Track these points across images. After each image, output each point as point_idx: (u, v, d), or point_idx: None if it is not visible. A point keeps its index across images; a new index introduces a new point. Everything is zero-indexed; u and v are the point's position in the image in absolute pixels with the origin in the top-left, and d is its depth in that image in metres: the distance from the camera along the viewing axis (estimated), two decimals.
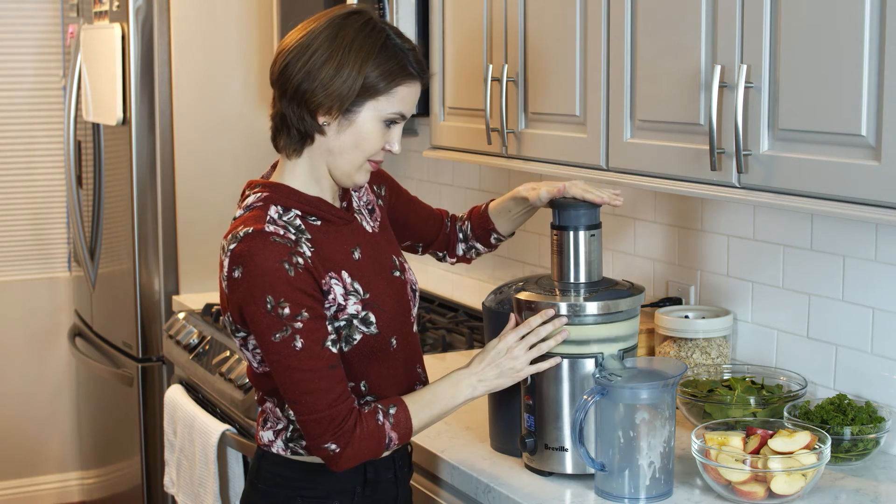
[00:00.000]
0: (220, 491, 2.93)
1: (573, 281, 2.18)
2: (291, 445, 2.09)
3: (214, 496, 2.92)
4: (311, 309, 1.95)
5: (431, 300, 3.73)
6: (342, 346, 2.03)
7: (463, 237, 2.46)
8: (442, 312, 3.58)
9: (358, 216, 2.15)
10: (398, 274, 2.16)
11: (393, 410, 2.02)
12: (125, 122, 3.93)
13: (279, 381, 1.98)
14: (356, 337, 2.04)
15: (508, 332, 2.13)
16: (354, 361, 2.05)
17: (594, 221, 2.19)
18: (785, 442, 2.06)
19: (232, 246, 1.97)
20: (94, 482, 4.69)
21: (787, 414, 2.24)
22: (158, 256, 3.98)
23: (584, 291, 2.16)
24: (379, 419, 2.00)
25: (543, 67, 2.55)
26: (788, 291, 2.49)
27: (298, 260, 1.96)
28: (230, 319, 2.03)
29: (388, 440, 2.01)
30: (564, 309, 2.11)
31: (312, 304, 1.96)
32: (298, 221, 2.03)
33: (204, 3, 3.96)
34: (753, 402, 2.32)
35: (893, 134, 1.79)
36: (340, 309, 2.02)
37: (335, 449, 1.97)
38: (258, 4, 4.00)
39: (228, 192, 3.92)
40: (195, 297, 3.92)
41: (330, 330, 1.99)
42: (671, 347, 2.59)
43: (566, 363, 2.13)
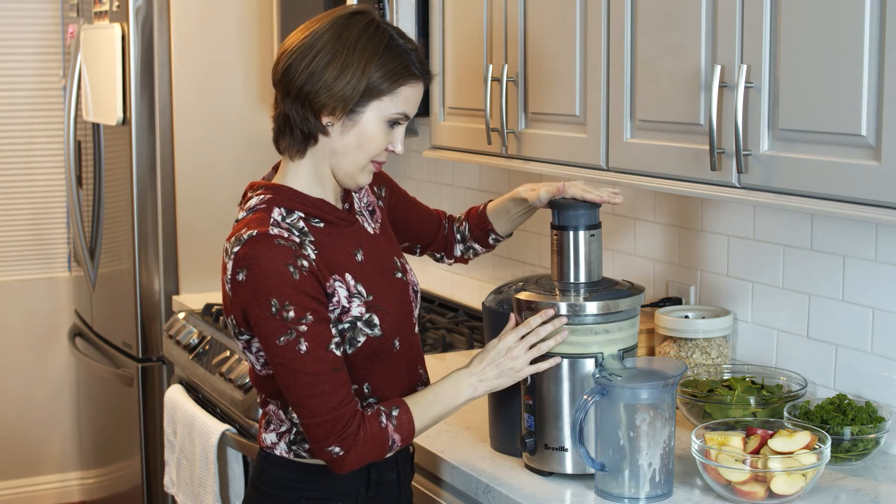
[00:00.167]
0: (220, 491, 2.93)
1: (573, 281, 2.18)
2: (294, 448, 2.09)
3: (214, 496, 2.92)
4: (315, 312, 1.95)
5: (432, 300, 3.73)
6: (346, 348, 2.03)
7: (460, 238, 2.46)
8: (442, 312, 3.58)
9: (359, 217, 2.15)
10: (400, 275, 2.16)
11: (396, 412, 2.02)
12: (125, 122, 3.93)
13: (283, 384, 1.97)
14: (360, 339, 2.04)
15: (508, 332, 2.13)
16: (358, 364, 2.05)
17: (594, 221, 2.19)
18: (785, 442, 2.06)
19: (236, 249, 1.96)
20: (94, 482, 4.69)
21: (787, 414, 2.24)
22: (158, 256, 3.98)
23: (584, 291, 2.16)
24: (382, 421, 2.00)
25: (543, 67, 2.55)
26: (788, 291, 2.49)
27: (303, 263, 1.95)
28: (234, 322, 2.02)
29: (391, 442, 2.01)
30: (564, 309, 2.11)
31: (317, 307, 1.96)
32: (302, 224, 2.02)
33: (204, 3, 3.96)
34: (753, 402, 2.32)
35: (893, 134, 1.79)
36: (344, 311, 2.02)
37: (339, 452, 1.97)
38: (258, 4, 4.00)
39: (228, 192, 3.92)
40: (195, 297, 3.92)
41: (334, 333, 1.98)
42: (671, 347, 2.59)
43: (566, 363, 2.13)
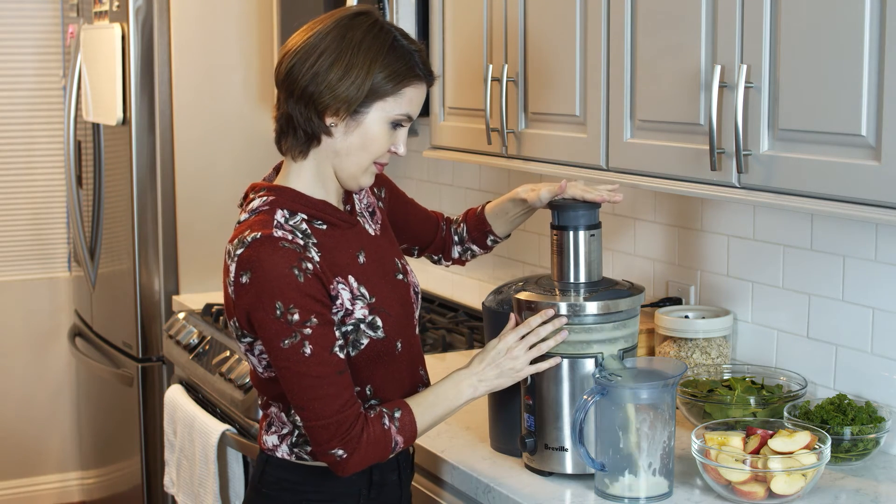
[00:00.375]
0: (220, 491, 2.93)
1: (573, 281, 2.18)
2: (296, 450, 2.08)
3: (214, 496, 2.92)
4: (319, 315, 1.94)
5: (432, 300, 3.73)
6: (349, 350, 2.03)
7: (458, 240, 2.46)
8: (442, 312, 3.58)
9: (361, 219, 2.14)
10: (401, 277, 2.15)
11: (398, 414, 2.02)
12: (125, 122, 3.93)
13: (287, 387, 1.97)
14: (363, 341, 2.04)
15: (508, 332, 2.13)
16: (361, 366, 2.05)
17: (594, 221, 2.19)
18: (785, 442, 2.06)
19: (239, 251, 1.95)
20: (94, 482, 4.69)
21: (787, 414, 2.24)
22: (158, 256, 3.98)
23: (584, 291, 2.16)
24: (385, 423, 2.00)
25: (543, 67, 2.55)
26: (788, 291, 2.49)
27: (307, 265, 1.95)
28: (236, 325, 2.02)
29: (394, 444, 2.01)
30: (564, 309, 2.11)
31: (321, 309, 1.95)
32: (305, 226, 2.01)
33: (204, 3, 3.96)
34: (753, 402, 2.32)
35: (893, 134, 1.79)
36: (348, 314, 2.02)
37: (342, 455, 1.96)
38: (258, 4, 4.00)
39: (228, 192, 3.92)
40: (195, 297, 3.92)
41: (337, 335, 1.98)
42: (671, 347, 2.59)
43: (566, 363, 2.13)
